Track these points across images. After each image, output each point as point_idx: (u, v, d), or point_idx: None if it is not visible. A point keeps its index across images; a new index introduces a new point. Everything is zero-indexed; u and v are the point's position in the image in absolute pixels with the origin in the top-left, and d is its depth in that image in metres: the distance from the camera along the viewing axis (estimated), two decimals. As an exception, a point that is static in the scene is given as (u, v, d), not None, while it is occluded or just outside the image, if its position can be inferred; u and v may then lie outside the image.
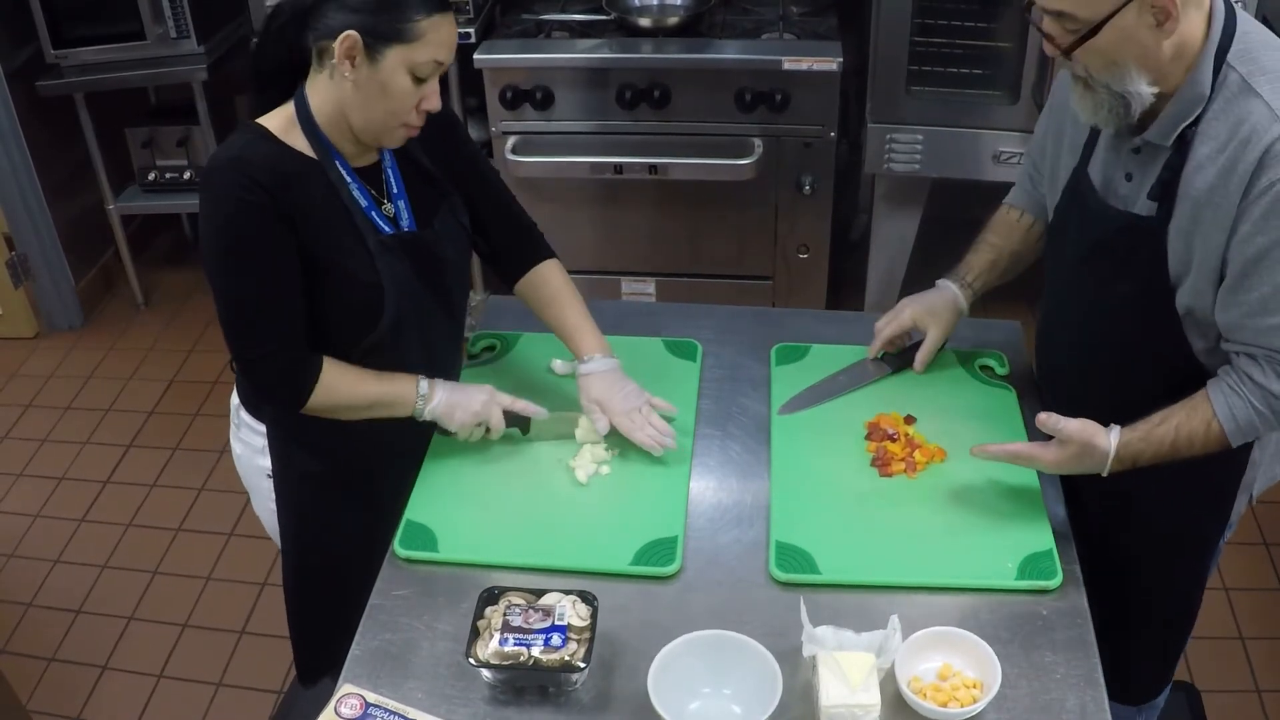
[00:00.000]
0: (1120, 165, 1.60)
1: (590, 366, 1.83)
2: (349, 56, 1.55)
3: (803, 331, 2.09)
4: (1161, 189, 1.52)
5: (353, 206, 1.66)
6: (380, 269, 1.67)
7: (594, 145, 3.18)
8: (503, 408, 1.79)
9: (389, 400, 1.75)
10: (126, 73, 3.50)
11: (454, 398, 1.77)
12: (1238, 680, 2.55)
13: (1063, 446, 1.57)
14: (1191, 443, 1.55)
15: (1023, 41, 2.77)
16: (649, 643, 1.45)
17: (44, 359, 3.81)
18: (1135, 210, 1.58)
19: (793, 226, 3.30)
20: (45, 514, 3.17)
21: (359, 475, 1.87)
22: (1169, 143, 1.51)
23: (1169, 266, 1.55)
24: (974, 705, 1.39)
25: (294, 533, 1.92)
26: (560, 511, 1.72)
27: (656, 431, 1.79)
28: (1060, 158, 1.73)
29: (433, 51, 1.56)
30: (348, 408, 1.74)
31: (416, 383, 1.75)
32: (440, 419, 1.77)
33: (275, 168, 1.60)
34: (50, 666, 2.71)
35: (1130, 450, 1.55)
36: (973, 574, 1.59)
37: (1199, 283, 1.53)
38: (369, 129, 1.64)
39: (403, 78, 1.57)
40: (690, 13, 3.26)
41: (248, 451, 1.91)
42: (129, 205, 3.82)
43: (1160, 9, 1.39)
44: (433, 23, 1.55)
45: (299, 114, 1.64)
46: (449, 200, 1.80)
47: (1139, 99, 1.47)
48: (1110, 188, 1.62)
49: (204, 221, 1.62)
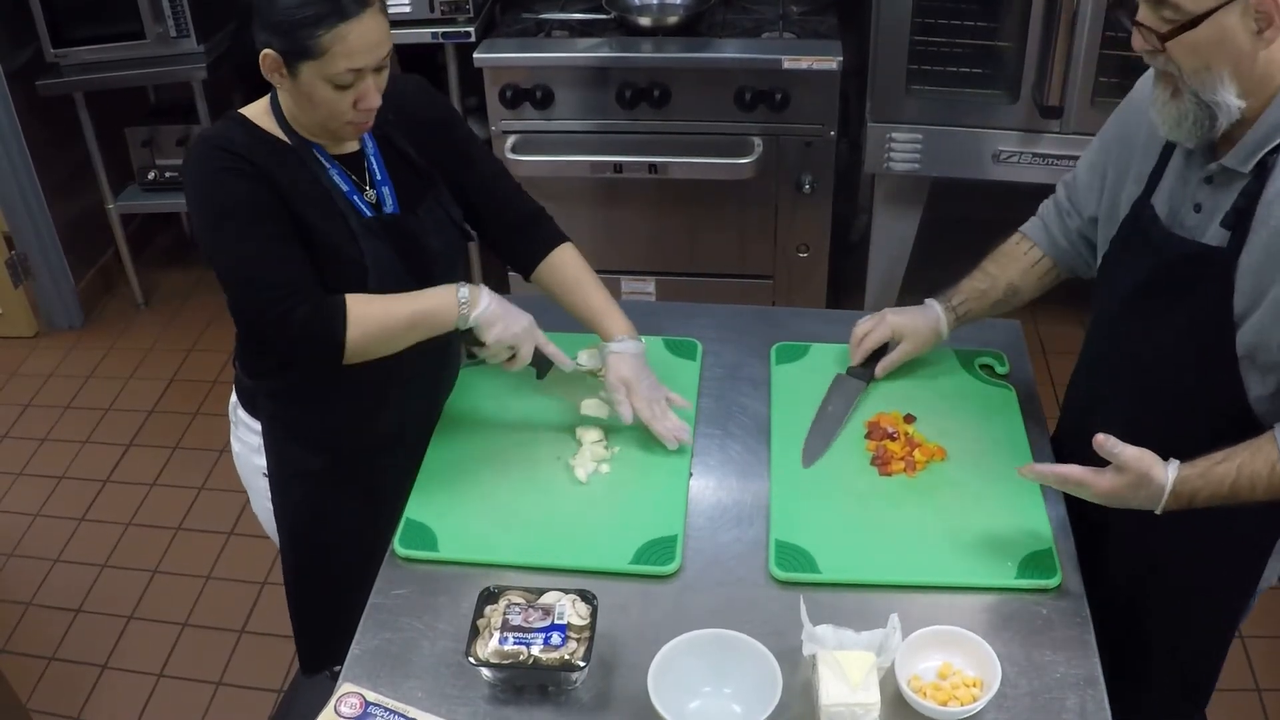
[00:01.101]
0: (1189, 196, 1.53)
1: (620, 347, 1.83)
2: (273, 71, 1.57)
3: (803, 331, 2.09)
4: (1236, 217, 1.45)
5: (333, 190, 1.67)
6: (364, 249, 1.67)
7: (594, 144, 3.18)
8: (535, 344, 1.75)
9: (427, 315, 1.68)
10: (126, 72, 3.50)
11: (500, 309, 1.71)
12: (1238, 680, 2.55)
13: (1118, 474, 1.47)
14: (1254, 486, 1.44)
15: (1023, 41, 2.77)
16: (649, 642, 1.45)
17: (44, 358, 3.81)
18: (1204, 240, 1.50)
19: (793, 226, 3.30)
20: (45, 513, 3.17)
21: (354, 471, 1.87)
22: (1248, 169, 1.44)
23: (1234, 301, 1.46)
24: (974, 704, 1.39)
25: (291, 530, 1.92)
26: (560, 510, 1.72)
27: (674, 424, 1.80)
28: (1123, 188, 1.65)
29: (344, 62, 1.53)
30: (387, 335, 1.66)
31: (455, 289, 1.68)
32: (483, 326, 1.69)
33: (255, 148, 1.61)
34: (50, 666, 2.71)
35: (1188, 487, 1.45)
36: (973, 573, 1.59)
37: (1266, 319, 1.44)
38: (316, 129, 1.65)
39: (323, 89, 1.56)
40: (690, 12, 3.26)
41: (245, 450, 1.92)
42: (129, 205, 3.82)
43: (1264, 15, 1.34)
44: (336, 34, 1.51)
45: (273, 106, 1.66)
46: (435, 191, 1.79)
47: (1226, 111, 1.40)
48: (1176, 219, 1.55)
49: (191, 200, 1.64)
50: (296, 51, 1.53)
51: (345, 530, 1.88)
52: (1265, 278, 1.43)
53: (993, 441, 1.80)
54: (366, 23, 1.53)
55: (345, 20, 1.51)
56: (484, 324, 1.69)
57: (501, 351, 1.74)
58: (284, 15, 1.51)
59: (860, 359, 1.93)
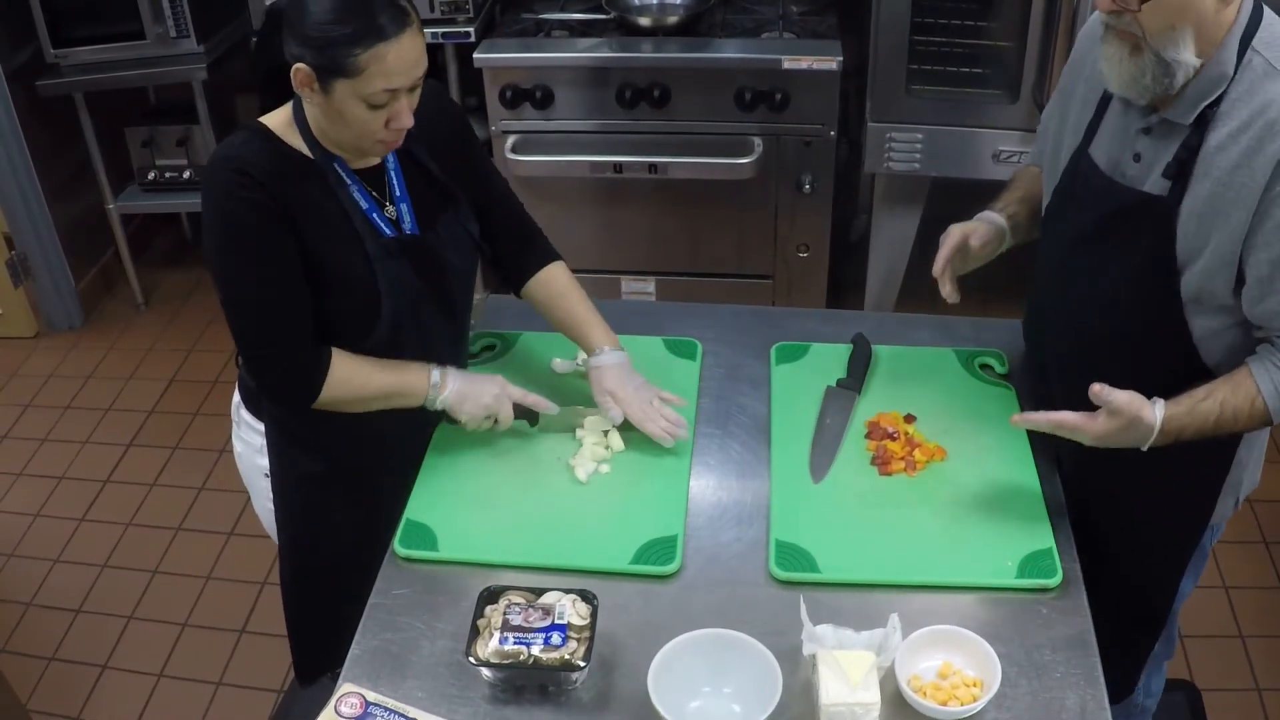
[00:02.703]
0: (1128, 146, 1.59)
1: (601, 359, 1.84)
2: (305, 85, 1.54)
3: (803, 331, 2.09)
4: (1178, 167, 1.51)
5: (351, 208, 1.66)
6: (378, 272, 1.66)
7: (594, 144, 3.18)
8: (513, 400, 1.79)
9: (401, 390, 1.74)
10: (126, 72, 3.50)
11: (466, 388, 1.76)
12: (1238, 679, 2.55)
13: (1110, 418, 1.54)
14: (1236, 419, 1.54)
15: (1023, 41, 2.77)
16: (649, 642, 1.45)
17: (44, 359, 3.81)
18: (1145, 189, 1.57)
19: (793, 226, 3.30)
20: (45, 513, 3.17)
21: (357, 475, 1.87)
22: (1188, 121, 1.50)
23: (1177, 247, 1.54)
24: (974, 704, 1.39)
25: (292, 532, 1.92)
26: (560, 510, 1.72)
27: (668, 422, 1.80)
28: (1063, 140, 1.72)
29: (380, 82, 1.50)
30: (359, 400, 1.72)
31: (429, 372, 1.74)
32: (451, 409, 1.77)
33: (274, 166, 1.59)
34: (50, 666, 2.71)
35: (1175, 424, 1.54)
36: (973, 573, 1.59)
37: (1213, 264, 1.51)
38: (344, 146, 1.63)
39: (356, 107, 1.53)
40: (690, 12, 3.26)
41: (248, 450, 1.92)
42: (129, 205, 3.82)
43: None
44: (374, 54, 1.48)
45: (296, 117, 1.63)
46: (455, 205, 1.78)
47: (1184, 69, 1.45)
48: (1117, 169, 1.61)
49: (205, 220, 1.62)
50: (331, 69, 1.50)
51: (344, 534, 1.88)
52: (1207, 225, 1.50)
53: (993, 441, 1.80)
54: (405, 43, 1.50)
55: (384, 40, 1.48)
56: (452, 406, 1.76)
57: (484, 422, 1.79)
58: (320, 31, 1.48)
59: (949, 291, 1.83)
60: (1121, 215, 1.60)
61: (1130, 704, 2.05)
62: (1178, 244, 1.53)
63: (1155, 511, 1.77)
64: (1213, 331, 1.59)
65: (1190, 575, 1.86)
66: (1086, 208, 1.65)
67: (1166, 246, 1.54)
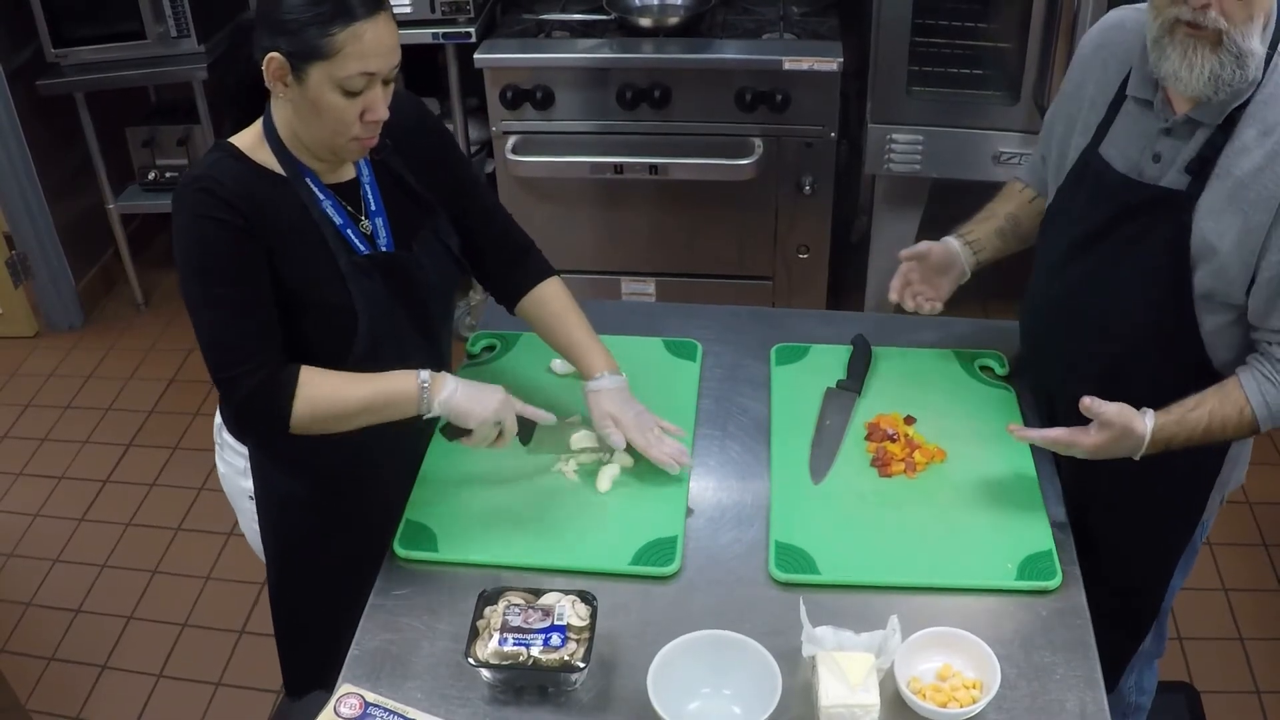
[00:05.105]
0: (1147, 146, 1.59)
1: (600, 384, 1.80)
2: (278, 78, 1.51)
3: (803, 331, 2.09)
4: (1200, 164, 1.52)
5: (324, 223, 1.62)
6: (352, 291, 1.62)
7: (594, 145, 3.18)
8: (516, 411, 1.70)
9: (385, 400, 1.63)
10: (127, 72, 3.50)
11: (471, 392, 1.65)
12: (1237, 680, 2.55)
13: (1102, 430, 1.56)
14: (1225, 428, 1.57)
15: (1023, 42, 2.77)
16: (649, 643, 1.45)
17: (44, 358, 3.81)
18: (1163, 184, 1.57)
19: (793, 226, 3.30)
20: (45, 513, 3.17)
21: (342, 496, 1.84)
22: (1218, 122, 1.51)
23: (1191, 242, 1.54)
24: (973, 705, 1.39)
25: (278, 553, 1.89)
26: (560, 511, 1.72)
27: (671, 449, 1.76)
28: (1070, 140, 1.72)
29: (357, 64, 1.48)
30: (338, 417, 1.62)
31: (416, 375, 1.63)
32: (457, 415, 1.65)
33: (244, 187, 1.56)
34: (50, 666, 2.71)
35: (1165, 434, 1.56)
36: (972, 574, 1.59)
37: (1228, 263, 1.52)
38: (319, 146, 1.59)
39: (332, 94, 1.50)
40: (691, 13, 3.26)
41: (231, 472, 1.89)
42: (129, 205, 3.82)
43: None
44: (352, 33, 1.46)
45: (266, 132, 1.60)
46: (434, 220, 1.74)
47: (1256, 60, 1.46)
48: (1135, 168, 1.61)
49: (176, 242, 1.59)
50: (306, 51, 1.47)
51: (331, 555, 1.84)
52: (1225, 222, 1.51)
53: (993, 442, 1.80)
54: (380, 26, 1.49)
55: (365, 18, 1.47)
56: (459, 412, 1.64)
57: (490, 432, 1.67)
58: (294, 14, 1.46)
59: (897, 293, 1.89)
60: (1137, 210, 1.60)
61: (1124, 703, 2.05)
62: (1192, 239, 1.54)
63: (1148, 510, 1.78)
64: (1222, 330, 1.59)
65: (1180, 572, 1.87)
66: (1098, 204, 1.65)
67: (1181, 241, 1.54)
